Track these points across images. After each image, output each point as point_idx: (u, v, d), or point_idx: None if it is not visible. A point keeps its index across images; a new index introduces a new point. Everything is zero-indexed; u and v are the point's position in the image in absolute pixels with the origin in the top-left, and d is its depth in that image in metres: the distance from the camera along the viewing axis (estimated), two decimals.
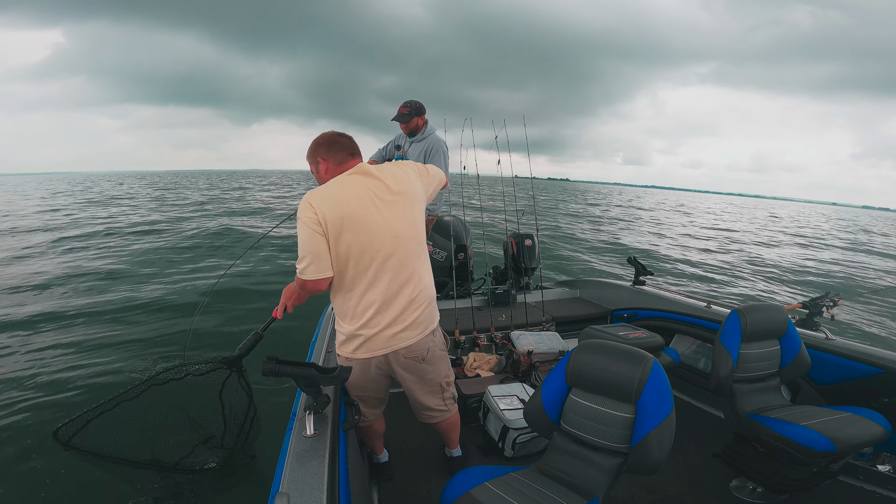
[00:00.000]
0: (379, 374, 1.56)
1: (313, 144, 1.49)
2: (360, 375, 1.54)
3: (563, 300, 3.62)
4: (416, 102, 2.93)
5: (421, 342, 1.53)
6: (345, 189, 1.38)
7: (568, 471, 1.42)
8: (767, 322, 1.92)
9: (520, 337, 2.84)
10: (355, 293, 1.43)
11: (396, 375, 1.59)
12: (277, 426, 1.49)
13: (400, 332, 1.47)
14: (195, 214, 15.57)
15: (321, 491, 0.98)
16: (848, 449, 1.57)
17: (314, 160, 1.49)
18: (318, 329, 2.20)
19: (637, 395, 1.33)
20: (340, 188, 1.38)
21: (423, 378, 1.61)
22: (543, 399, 1.50)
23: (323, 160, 1.46)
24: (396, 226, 1.41)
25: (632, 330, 2.33)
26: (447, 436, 1.90)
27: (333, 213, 1.33)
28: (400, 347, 1.49)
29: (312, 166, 1.51)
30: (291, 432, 1.22)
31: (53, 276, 6.65)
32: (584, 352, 1.48)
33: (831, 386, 2.07)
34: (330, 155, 1.46)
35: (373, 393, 1.62)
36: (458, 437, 1.94)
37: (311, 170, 1.53)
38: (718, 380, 1.86)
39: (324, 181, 1.47)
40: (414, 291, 1.48)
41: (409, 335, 1.49)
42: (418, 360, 1.55)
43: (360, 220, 1.36)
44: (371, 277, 1.41)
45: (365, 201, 1.38)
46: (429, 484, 1.93)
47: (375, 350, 1.48)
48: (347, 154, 1.47)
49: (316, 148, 1.48)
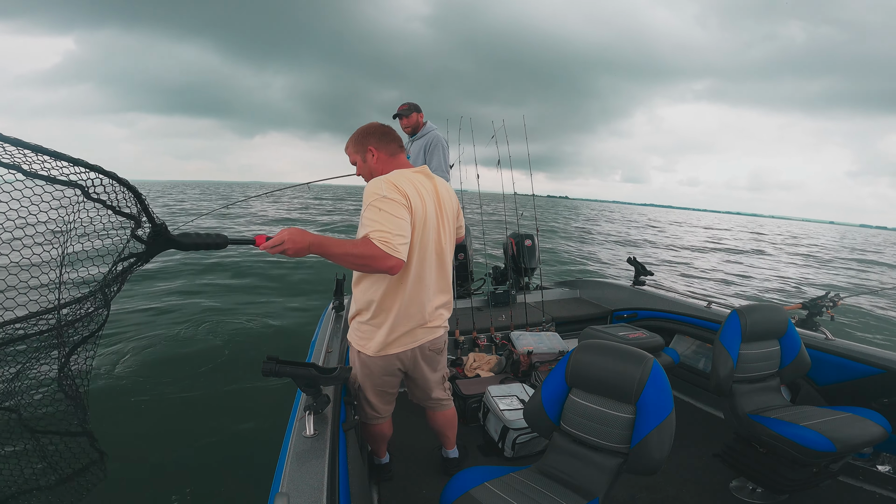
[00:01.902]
0: (399, 368, 1.56)
1: (361, 133, 1.47)
2: (383, 370, 1.53)
3: (562, 300, 3.62)
4: (412, 102, 3.13)
5: (443, 334, 1.61)
6: (415, 184, 1.38)
7: (568, 471, 1.42)
8: (767, 322, 1.92)
9: (520, 337, 2.84)
10: (407, 285, 1.40)
11: (414, 369, 1.59)
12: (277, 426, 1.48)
13: (433, 326, 1.53)
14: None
15: (321, 491, 0.98)
16: (848, 449, 1.57)
17: (362, 148, 1.46)
18: (318, 329, 2.20)
19: (637, 396, 1.33)
20: (412, 180, 1.37)
21: (436, 368, 1.66)
22: (543, 399, 1.50)
23: (375, 149, 1.45)
24: (441, 227, 1.47)
25: (632, 330, 2.33)
26: (445, 434, 1.89)
27: (416, 203, 1.33)
28: (427, 340, 1.53)
29: (357, 155, 1.48)
30: (291, 432, 1.22)
31: None
32: (584, 352, 1.47)
33: (831, 386, 2.07)
34: (382, 145, 1.45)
35: (390, 388, 1.62)
36: (455, 437, 1.93)
37: (353, 160, 1.50)
38: (718, 380, 1.86)
39: (371, 171, 1.46)
40: (448, 290, 1.57)
41: (438, 329, 1.56)
42: (437, 352, 1.61)
43: (427, 217, 1.38)
44: (424, 273, 1.43)
45: (429, 201, 1.40)
46: (429, 484, 1.93)
47: (409, 344, 1.49)
48: (398, 146, 1.49)
49: (365, 136, 1.46)
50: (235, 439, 2.79)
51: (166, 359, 3.94)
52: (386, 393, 1.62)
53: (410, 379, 1.66)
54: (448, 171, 3.09)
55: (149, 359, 3.91)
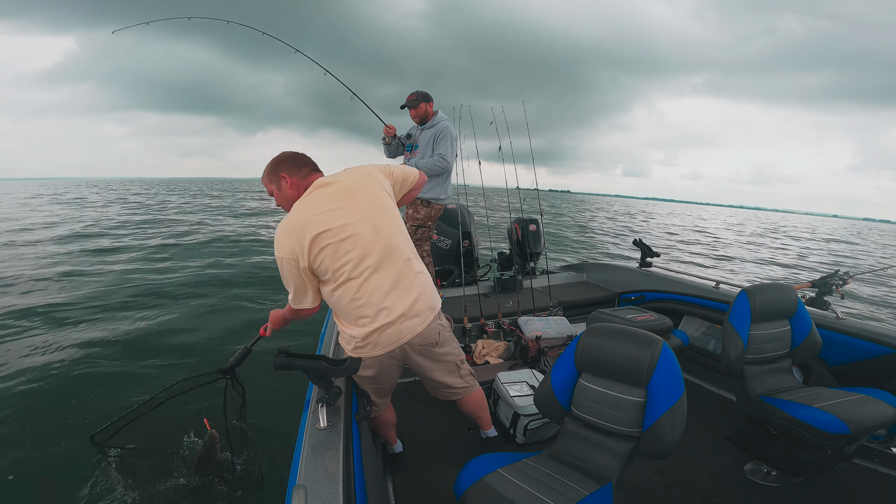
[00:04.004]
0: (391, 362, 1.56)
1: (273, 163, 1.52)
2: (374, 371, 1.55)
3: (569, 284, 3.61)
4: (422, 91, 3.04)
5: (431, 327, 1.54)
6: (307, 209, 1.41)
7: (580, 456, 1.43)
8: (777, 302, 1.90)
9: (527, 322, 2.84)
10: (354, 296, 1.43)
11: (412, 363, 1.59)
12: (291, 419, 1.50)
13: (408, 322, 1.47)
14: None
15: (337, 482, 0.99)
16: (862, 431, 1.55)
17: (276, 177, 1.50)
18: (327, 322, 2.21)
19: (647, 379, 1.33)
20: (303, 210, 1.42)
21: (439, 360, 1.63)
22: (553, 385, 1.50)
23: (288, 175, 1.49)
24: (372, 221, 1.43)
25: (640, 312, 2.32)
26: (477, 416, 1.89)
27: (302, 242, 1.36)
28: (412, 336, 1.50)
29: (273, 185, 1.52)
30: (305, 425, 1.23)
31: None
32: (593, 336, 1.46)
33: (843, 367, 2.05)
34: (294, 170, 1.50)
35: (383, 383, 1.63)
36: (489, 417, 1.93)
37: (269, 190, 1.54)
38: (729, 361, 1.85)
39: (287, 198, 1.50)
40: (409, 279, 1.49)
41: (417, 323, 1.50)
42: (433, 345, 1.57)
43: (332, 230, 1.38)
44: (364, 277, 1.41)
45: (330, 211, 1.40)
46: (443, 472, 1.95)
47: (389, 345, 1.48)
48: (311, 169, 1.52)
49: (278, 165, 1.51)
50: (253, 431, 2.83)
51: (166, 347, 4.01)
52: (382, 389, 1.65)
53: (415, 374, 1.67)
54: (453, 162, 3.05)
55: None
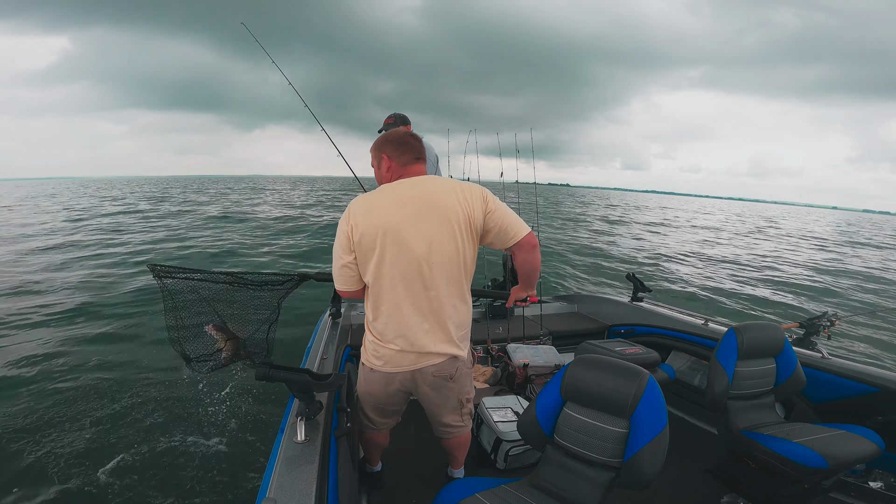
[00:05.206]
0: (400, 390, 1.49)
1: (381, 139, 1.46)
2: (380, 388, 1.50)
3: (560, 314, 3.61)
4: (399, 113, 2.98)
5: (451, 361, 1.46)
6: (386, 199, 1.35)
7: (560, 484, 1.41)
8: (764, 340, 1.93)
9: (516, 350, 2.82)
10: (388, 305, 1.37)
11: (418, 392, 1.52)
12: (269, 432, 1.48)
13: (429, 352, 1.41)
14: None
15: (309, 497, 0.97)
16: (840, 466, 1.56)
17: (378, 155, 1.45)
18: (314, 336, 2.20)
19: (631, 411, 1.33)
20: (381, 197, 1.36)
21: (447, 395, 1.54)
22: (538, 412, 1.50)
23: (388, 157, 1.42)
24: (429, 243, 1.33)
25: (628, 346, 2.32)
26: (453, 454, 1.81)
27: (368, 225, 1.31)
28: (428, 365, 1.43)
29: (375, 161, 1.47)
30: (282, 437, 1.21)
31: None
32: (580, 366, 1.47)
33: (826, 404, 2.07)
34: (396, 155, 1.42)
35: (389, 406, 1.57)
36: (464, 458, 1.85)
37: (372, 164, 1.49)
38: (714, 396, 1.85)
39: (380, 177, 1.46)
40: (443, 313, 1.39)
41: (434, 355, 1.43)
42: (447, 379, 1.48)
43: (396, 232, 1.31)
44: (405, 291, 1.35)
45: (403, 214, 1.32)
46: (419, 494, 1.91)
47: (403, 366, 1.43)
48: (414, 157, 1.43)
49: (384, 144, 1.44)
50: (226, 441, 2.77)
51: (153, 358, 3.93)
52: (384, 410, 1.58)
53: (419, 401, 1.59)
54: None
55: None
